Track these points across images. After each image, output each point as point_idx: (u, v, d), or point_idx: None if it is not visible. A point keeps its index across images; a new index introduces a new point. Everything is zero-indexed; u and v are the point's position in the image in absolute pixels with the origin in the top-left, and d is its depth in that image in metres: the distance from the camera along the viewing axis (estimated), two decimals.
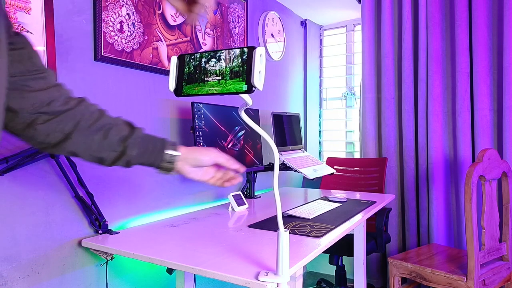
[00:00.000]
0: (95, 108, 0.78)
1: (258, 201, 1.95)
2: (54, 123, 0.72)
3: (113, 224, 1.46)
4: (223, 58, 0.69)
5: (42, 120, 0.71)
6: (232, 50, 0.68)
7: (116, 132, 0.78)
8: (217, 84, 0.69)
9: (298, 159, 2.18)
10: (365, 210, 1.65)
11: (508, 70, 2.04)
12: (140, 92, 1.58)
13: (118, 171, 1.49)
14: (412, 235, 2.36)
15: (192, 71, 0.72)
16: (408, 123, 2.35)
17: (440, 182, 2.25)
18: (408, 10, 2.32)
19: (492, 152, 1.74)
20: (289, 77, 2.74)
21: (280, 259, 0.87)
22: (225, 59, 0.69)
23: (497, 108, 2.14)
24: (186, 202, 1.80)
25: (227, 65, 0.68)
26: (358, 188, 2.43)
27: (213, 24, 1.97)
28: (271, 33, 2.46)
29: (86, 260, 1.38)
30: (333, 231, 1.30)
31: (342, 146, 3.00)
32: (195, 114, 1.64)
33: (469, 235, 1.63)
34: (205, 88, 0.70)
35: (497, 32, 2.12)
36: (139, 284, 1.57)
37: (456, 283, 1.69)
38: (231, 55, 0.68)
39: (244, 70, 0.66)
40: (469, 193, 1.62)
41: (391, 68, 2.40)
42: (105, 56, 1.42)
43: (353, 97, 2.93)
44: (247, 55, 0.66)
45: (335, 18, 2.93)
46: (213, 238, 1.25)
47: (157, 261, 1.07)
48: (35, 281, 1.23)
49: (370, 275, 2.48)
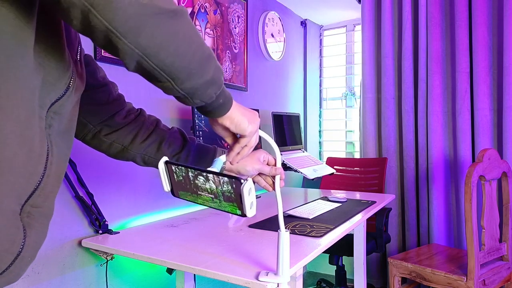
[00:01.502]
0: (152, 120, 0.86)
1: (258, 201, 1.95)
2: (115, 135, 0.80)
3: (113, 224, 1.46)
4: (212, 180, 0.66)
5: (105, 132, 0.80)
6: (221, 177, 0.64)
7: (168, 145, 0.84)
8: (212, 201, 0.69)
9: (298, 159, 2.18)
10: (365, 210, 1.65)
11: (508, 70, 2.04)
12: (140, 92, 1.58)
13: (118, 171, 1.49)
14: (412, 235, 2.36)
15: (182, 181, 0.70)
16: (408, 123, 2.35)
17: (440, 182, 2.25)
18: (408, 10, 2.32)
19: (492, 152, 1.74)
20: (289, 77, 2.74)
21: (280, 259, 0.87)
22: (214, 181, 0.66)
23: (497, 108, 2.14)
24: (186, 202, 1.80)
25: (218, 188, 0.66)
26: (358, 188, 2.43)
27: (213, 24, 1.97)
28: (271, 33, 2.46)
29: (86, 260, 1.38)
30: (333, 231, 1.30)
31: (342, 146, 3.00)
32: (195, 114, 1.64)
33: (469, 235, 1.63)
34: (199, 200, 0.70)
35: (497, 32, 2.12)
36: (139, 284, 1.57)
37: (456, 283, 1.69)
38: (220, 179, 0.65)
39: (236, 198, 0.65)
40: (469, 193, 1.62)
41: (391, 68, 2.40)
42: (106, 56, 1.42)
43: (353, 97, 2.93)
44: (235, 187, 0.63)
45: (335, 18, 2.93)
46: (213, 238, 1.25)
47: (157, 261, 1.07)
48: (35, 281, 1.23)
49: (370, 275, 2.48)
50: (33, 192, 0.54)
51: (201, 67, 0.54)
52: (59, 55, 0.53)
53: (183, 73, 0.52)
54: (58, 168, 0.59)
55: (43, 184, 0.55)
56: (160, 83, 0.53)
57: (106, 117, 0.79)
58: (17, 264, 0.54)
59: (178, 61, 0.50)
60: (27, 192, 0.53)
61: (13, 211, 0.51)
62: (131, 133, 0.82)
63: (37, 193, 0.54)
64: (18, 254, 0.53)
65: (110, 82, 0.82)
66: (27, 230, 0.54)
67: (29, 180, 0.52)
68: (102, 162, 1.43)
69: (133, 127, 0.82)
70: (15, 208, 0.52)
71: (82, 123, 0.78)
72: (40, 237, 0.59)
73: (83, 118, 0.77)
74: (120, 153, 0.83)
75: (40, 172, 0.54)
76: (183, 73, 0.52)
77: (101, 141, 0.81)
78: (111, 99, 0.81)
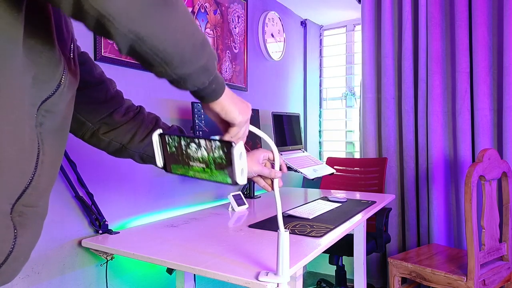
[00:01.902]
0: (151, 118, 0.85)
1: (258, 201, 1.95)
2: (113, 134, 0.80)
3: (113, 224, 1.46)
4: (204, 146, 0.66)
5: (104, 130, 0.79)
6: (213, 140, 0.64)
7: None
8: (203, 171, 0.68)
9: (298, 159, 2.18)
10: (365, 210, 1.65)
11: (508, 70, 2.04)
12: (140, 92, 1.58)
13: (118, 171, 1.49)
14: (412, 235, 2.36)
15: (175, 152, 0.70)
16: (408, 123, 2.35)
17: (440, 182, 2.25)
18: (408, 10, 2.32)
19: (492, 152, 1.74)
20: (289, 77, 2.74)
21: (280, 259, 0.87)
22: (206, 147, 0.65)
23: (497, 108, 2.14)
24: (186, 202, 1.80)
25: (209, 154, 0.66)
26: (358, 188, 2.43)
27: (213, 24, 1.97)
28: (271, 33, 2.46)
29: (86, 260, 1.38)
30: (333, 231, 1.30)
31: (342, 146, 3.00)
32: (195, 114, 1.64)
33: (469, 235, 1.63)
34: (191, 172, 0.69)
35: (497, 32, 2.12)
36: (139, 284, 1.57)
37: (456, 283, 1.69)
38: (212, 144, 0.65)
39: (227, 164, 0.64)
40: (469, 193, 1.62)
41: (391, 68, 2.40)
42: (105, 56, 1.42)
43: (353, 97, 2.93)
44: (227, 152, 0.63)
45: (335, 18, 2.93)
46: (213, 238, 1.25)
47: (157, 261, 1.07)
48: (35, 281, 1.23)
49: (370, 275, 2.48)
50: (24, 191, 0.53)
51: (195, 54, 0.54)
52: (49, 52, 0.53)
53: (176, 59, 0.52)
54: (51, 167, 0.58)
55: (34, 183, 0.54)
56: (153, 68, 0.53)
57: (104, 115, 0.79)
58: (9, 264, 0.54)
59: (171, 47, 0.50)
60: (17, 191, 0.52)
61: (3, 211, 0.51)
62: (129, 132, 0.81)
63: (28, 192, 0.54)
64: (8, 254, 0.53)
65: (108, 79, 0.81)
66: (18, 229, 0.54)
67: (19, 179, 0.52)
68: (102, 162, 1.43)
69: (132, 125, 0.82)
70: (4, 207, 0.51)
71: (80, 121, 0.77)
72: (34, 236, 0.59)
73: (81, 116, 0.76)
74: (119, 151, 0.83)
75: (31, 171, 0.54)
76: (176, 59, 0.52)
77: (100, 140, 0.80)
78: (109, 97, 0.80)
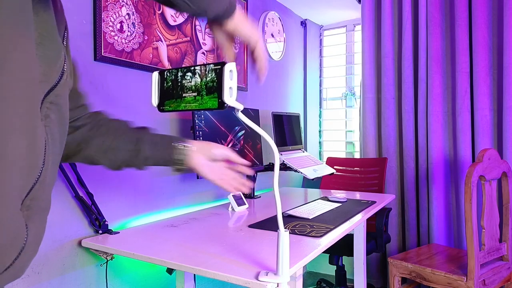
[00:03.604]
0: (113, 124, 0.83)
1: (258, 201, 1.95)
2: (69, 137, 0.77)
3: (113, 224, 1.46)
4: (198, 72, 0.67)
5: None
6: (208, 65, 0.66)
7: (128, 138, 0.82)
8: (193, 101, 0.69)
9: (298, 159, 2.18)
10: (365, 210, 1.65)
11: (508, 70, 2.04)
12: (140, 92, 1.58)
13: (118, 171, 1.49)
14: (412, 235, 2.36)
15: (170, 87, 0.71)
16: (408, 123, 2.35)
17: (440, 182, 2.25)
18: (408, 10, 2.32)
19: (492, 152, 1.74)
20: (289, 77, 2.74)
21: (280, 259, 0.87)
22: (200, 73, 0.67)
23: (497, 108, 2.14)
24: (186, 202, 1.80)
25: (202, 80, 0.67)
26: (358, 188, 2.43)
27: None
28: (271, 33, 2.46)
29: (86, 260, 1.38)
30: (333, 231, 1.30)
31: (342, 146, 3.00)
32: (195, 114, 1.64)
33: (469, 235, 1.63)
34: (182, 104, 0.70)
35: (497, 32, 2.12)
36: (139, 284, 1.57)
37: (456, 283, 1.69)
38: (206, 69, 0.67)
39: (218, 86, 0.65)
40: (469, 193, 1.62)
41: (391, 68, 2.40)
42: (105, 56, 1.42)
43: (353, 97, 2.93)
44: (219, 71, 0.64)
45: (335, 18, 2.92)
46: (213, 238, 1.25)
47: (157, 261, 1.07)
48: (35, 281, 1.23)
49: (370, 275, 2.48)
50: (33, 186, 0.53)
51: None
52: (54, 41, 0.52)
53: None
54: (54, 160, 0.58)
55: (42, 177, 0.54)
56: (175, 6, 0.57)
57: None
58: (21, 258, 0.54)
59: None
60: (28, 186, 0.52)
61: (16, 206, 0.51)
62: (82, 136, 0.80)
63: (37, 186, 0.54)
64: (22, 248, 0.53)
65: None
66: (28, 223, 0.54)
67: (30, 175, 0.52)
68: None
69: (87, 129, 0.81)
70: (17, 203, 0.51)
71: None
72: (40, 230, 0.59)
73: None
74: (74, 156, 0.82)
75: (40, 165, 0.54)
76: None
77: None
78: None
